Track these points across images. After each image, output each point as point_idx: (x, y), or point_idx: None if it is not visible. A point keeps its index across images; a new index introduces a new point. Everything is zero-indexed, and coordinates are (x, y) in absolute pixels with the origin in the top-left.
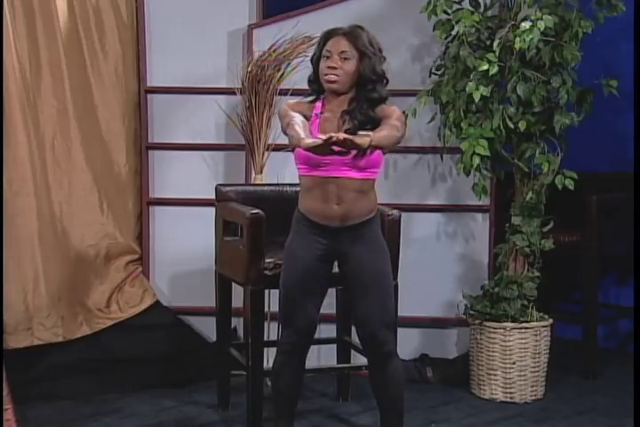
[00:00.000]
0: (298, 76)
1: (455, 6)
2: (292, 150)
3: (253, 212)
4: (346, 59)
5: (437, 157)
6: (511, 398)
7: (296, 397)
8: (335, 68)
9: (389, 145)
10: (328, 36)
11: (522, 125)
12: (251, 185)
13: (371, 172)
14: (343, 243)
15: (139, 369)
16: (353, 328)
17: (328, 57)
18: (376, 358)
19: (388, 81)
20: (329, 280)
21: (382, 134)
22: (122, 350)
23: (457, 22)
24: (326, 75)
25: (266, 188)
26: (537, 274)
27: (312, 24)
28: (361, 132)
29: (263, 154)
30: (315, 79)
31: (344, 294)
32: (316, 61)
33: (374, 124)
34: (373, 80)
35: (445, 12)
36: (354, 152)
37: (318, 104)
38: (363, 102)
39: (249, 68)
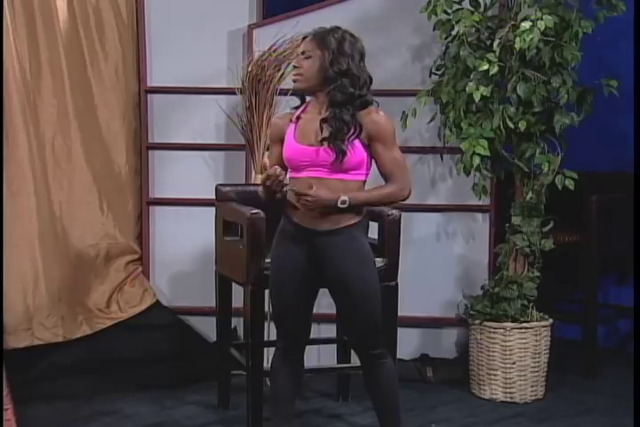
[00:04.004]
0: None
1: (455, 6)
2: None
3: (253, 212)
4: (307, 57)
5: (437, 157)
6: (511, 398)
7: (294, 397)
8: (297, 68)
9: (377, 203)
10: (302, 39)
11: (522, 125)
12: (251, 185)
13: (354, 174)
14: (324, 248)
15: (139, 369)
16: None
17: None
18: (367, 362)
19: (362, 81)
20: (318, 282)
21: (377, 194)
22: (122, 350)
23: (457, 22)
24: (292, 74)
25: None
26: (537, 274)
27: (312, 24)
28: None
29: (263, 154)
30: None
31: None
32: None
33: (354, 129)
34: (333, 78)
35: (445, 11)
36: (332, 158)
37: (299, 110)
38: (334, 106)
39: (249, 68)
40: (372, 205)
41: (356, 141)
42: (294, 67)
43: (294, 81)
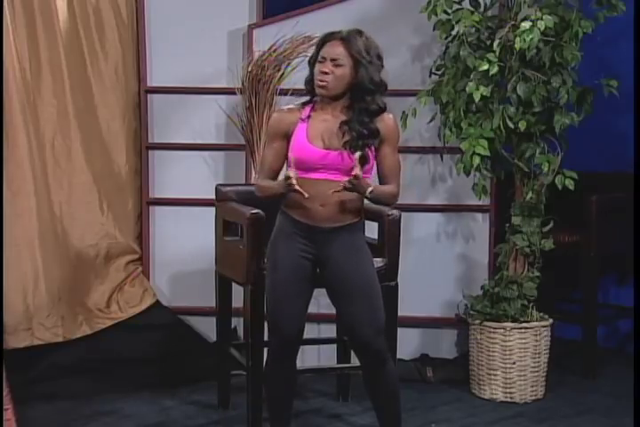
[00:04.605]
0: (298, 76)
1: (455, 6)
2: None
3: (253, 212)
4: (338, 65)
5: (437, 157)
6: (511, 398)
7: (290, 398)
8: (327, 73)
9: (383, 200)
10: (325, 39)
11: (522, 125)
12: (251, 185)
13: (364, 177)
14: (325, 246)
15: (139, 369)
16: None
17: (322, 62)
18: (369, 364)
19: (386, 89)
20: (314, 281)
21: (386, 191)
22: (122, 350)
23: (457, 22)
24: (318, 79)
25: None
26: (537, 274)
27: (312, 24)
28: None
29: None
30: (310, 80)
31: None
32: (312, 64)
33: (373, 135)
34: (372, 90)
35: (445, 11)
36: (355, 160)
37: (307, 108)
38: (362, 114)
39: (249, 68)
40: (379, 201)
41: (372, 146)
42: (322, 72)
43: (321, 86)
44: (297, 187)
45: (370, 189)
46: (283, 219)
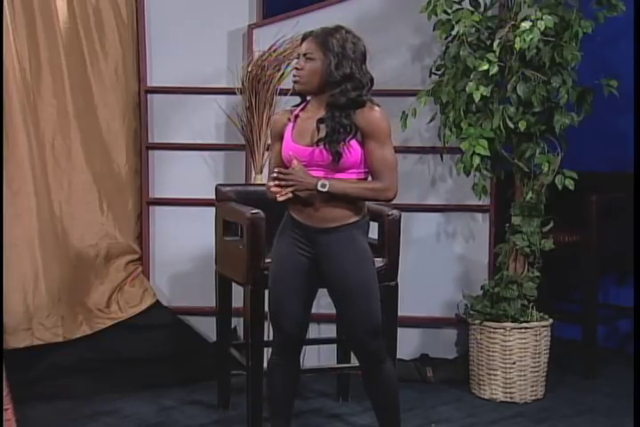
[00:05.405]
0: None
1: (455, 6)
2: None
3: (253, 212)
4: (309, 59)
5: (437, 157)
6: (511, 398)
7: (291, 397)
8: (299, 69)
9: (358, 195)
10: (303, 38)
11: (522, 125)
12: (251, 185)
13: (352, 172)
14: (322, 245)
15: (139, 369)
16: None
17: (297, 59)
18: (366, 364)
19: (364, 84)
20: (316, 280)
21: (357, 186)
22: (122, 350)
23: (457, 22)
24: (292, 75)
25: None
26: (537, 274)
27: (312, 24)
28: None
29: (263, 154)
30: None
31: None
32: None
33: (347, 130)
34: (337, 82)
35: (445, 11)
36: (327, 159)
37: (299, 108)
38: (334, 109)
39: (249, 68)
40: (352, 198)
41: (352, 141)
42: (295, 68)
43: (294, 82)
44: (272, 186)
45: (320, 182)
46: (286, 219)
